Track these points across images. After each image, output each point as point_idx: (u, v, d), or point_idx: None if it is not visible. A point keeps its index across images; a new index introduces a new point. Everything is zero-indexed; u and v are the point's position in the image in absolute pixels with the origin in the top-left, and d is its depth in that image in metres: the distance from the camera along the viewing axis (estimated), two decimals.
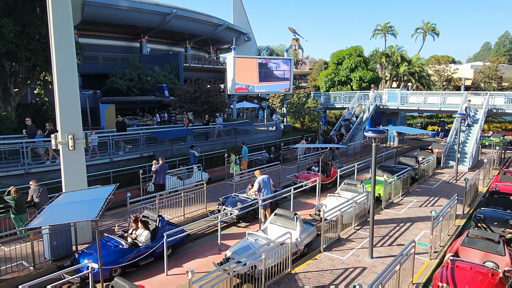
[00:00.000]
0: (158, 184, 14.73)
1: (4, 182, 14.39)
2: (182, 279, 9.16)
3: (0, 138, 16.77)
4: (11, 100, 20.99)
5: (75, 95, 10.62)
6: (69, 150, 10.35)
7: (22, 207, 11.04)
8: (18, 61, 19.91)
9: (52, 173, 15.43)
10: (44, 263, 9.93)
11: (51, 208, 7.53)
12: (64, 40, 10.22)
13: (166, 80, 33.37)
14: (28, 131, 16.74)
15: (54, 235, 9.96)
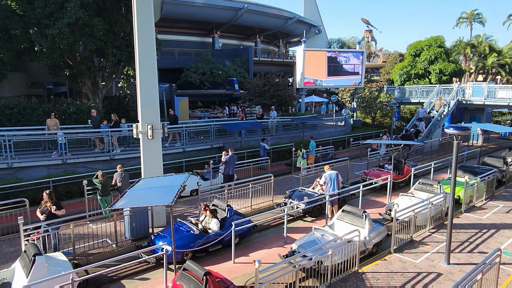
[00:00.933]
0: (227, 174, 15.21)
1: (93, 166, 15.98)
2: (248, 268, 9.39)
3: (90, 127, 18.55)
4: (99, 92, 23.12)
5: (155, 88, 11.35)
6: (148, 139, 11.13)
7: (107, 189, 12.16)
8: (105, 57, 21.82)
9: (132, 160, 16.74)
10: (124, 242, 10.85)
11: (132, 192, 8.18)
12: (146, 37, 10.94)
13: (236, 74, 34.19)
14: (93, 122, 17.96)
15: (134, 217, 10.81)
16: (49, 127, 16.68)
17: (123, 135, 17.96)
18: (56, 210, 9.65)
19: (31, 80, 27.23)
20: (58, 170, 15.33)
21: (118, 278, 9.10)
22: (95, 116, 17.90)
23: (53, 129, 16.60)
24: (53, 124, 16.77)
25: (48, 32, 18.40)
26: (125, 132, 17.90)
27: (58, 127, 16.81)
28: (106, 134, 16.94)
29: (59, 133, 15.95)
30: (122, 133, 17.46)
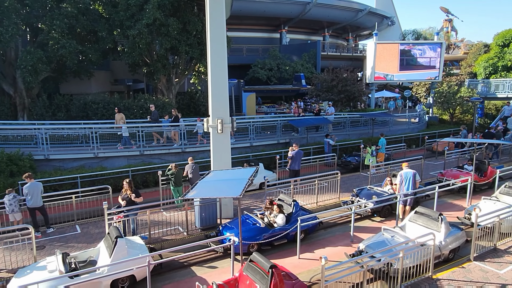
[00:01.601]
0: (293, 170, 15.19)
1: (166, 158, 17.00)
2: (313, 264, 9.32)
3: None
4: (172, 88, 24.48)
5: (225, 84, 11.71)
6: (217, 133, 11.53)
7: (179, 180, 12.86)
8: (179, 54, 23.01)
9: (202, 153, 17.49)
10: (194, 231, 11.40)
11: (203, 184, 8.53)
12: (217, 34, 11.30)
13: (303, 69, 33.89)
14: (152, 117, 18.62)
15: (203, 208, 11.30)
16: (117, 121, 17.83)
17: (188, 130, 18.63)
18: (135, 197, 10.46)
19: (114, 77, 29.76)
20: (136, 161, 16.58)
21: (189, 265, 9.61)
22: (154, 111, 18.59)
23: (120, 122, 17.65)
24: (119, 118, 17.78)
25: (129, 33, 19.89)
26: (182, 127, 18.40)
27: (124, 120, 17.91)
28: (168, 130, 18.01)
29: (124, 127, 17.13)
30: (179, 127, 18.06)
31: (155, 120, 18.36)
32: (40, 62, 18.70)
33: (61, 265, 7.96)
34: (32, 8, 19.95)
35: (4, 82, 20.46)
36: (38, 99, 21.23)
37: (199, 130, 18.39)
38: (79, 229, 11.53)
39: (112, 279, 8.12)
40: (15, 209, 10.81)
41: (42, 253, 9.78)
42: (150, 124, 18.07)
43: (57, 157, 15.78)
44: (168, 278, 8.92)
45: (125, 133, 17.12)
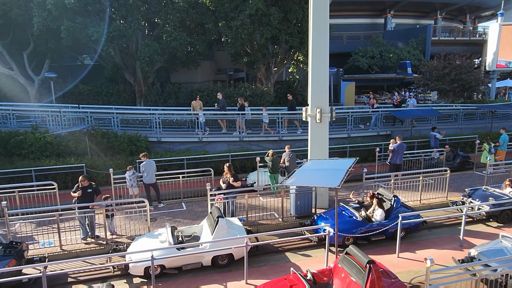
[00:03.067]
0: (394, 164, 14.31)
1: (263, 145, 17.48)
2: (413, 264, 8.72)
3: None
4: (271, 77, 24.91)
5: (325, 73, 11.48)
6: (316, 123, 11.40)
7: (276, 168, 13.11)
8: (279, 44, 23.24)
9: (299, 142, 17.53)
10: (289, 218, 11.56)
11: (301, 172, 8.57)
12: (320, 22, 11.10)
13: (409, 57, 31.40)
14: (219, 104, 18.78)
15: (299, 196, 11.37)
16: (194, 107, 18.58)
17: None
18: (233, 181, 11.01)
19: (217, 67, 31.46)
20: (236, 147, 17.39)
21: (283, 250, 9.80)
22: (221, 99, 18.74)
23: (197, 109, 18.48)
24: (197, 105, 18.62)
25: (233, 24, 20.75)
26: (248, 116, 18.51)
27: (201, 107, 18.72)
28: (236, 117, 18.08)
29: (200, 114, 18.02)
30: (245, 116, 18.27)
31: (222, 108, 18.73)
32: (155, 54, 20.69)
33: (170, 237, 8.82)
34: (150, 4, 22.11)
35: (126, 72, 23.19)
36: (153, 87, 23.60)
37: (264, 119, 18.29)
38: (185, 206, 12.61)
39: (213, 255, 8.73)
40: (134, 184, 12.28)
41: (154, 224, 10.95)
42: (251, 112, 18.73)
43: (168, 140, 17.44)
44: (264, 260, 9.24)
45: (202, 119, 18.03)
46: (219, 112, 18.54)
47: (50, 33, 20.01)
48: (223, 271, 8.80)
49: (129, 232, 10.59)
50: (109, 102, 22.94)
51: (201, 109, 18.70)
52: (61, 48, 21.75)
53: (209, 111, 18.96)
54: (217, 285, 8.26)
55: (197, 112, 18.34)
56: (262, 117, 18.28)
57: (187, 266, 8.68)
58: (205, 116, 18.18)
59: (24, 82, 22.75)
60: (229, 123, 18.61)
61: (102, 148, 16.21)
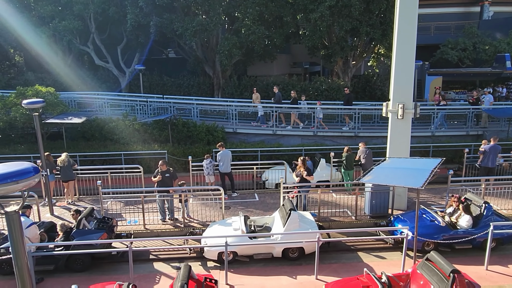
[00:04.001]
0: (485, 167, 12.95)
1: (338, 141, 17.04)
2: (505, 280, 7.89)
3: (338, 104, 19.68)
4: (348, 71, 24.09)
5: (411, 66, 10.75)
6: (397, 119, 10.75)
7: (351, 164, 12.70)
8: (358, 36, 22.35)
9: (375, 138, 16.77)
10: (363, 217, 11.14)
11: (379, 170, 8.17)
12: (408, 10, 10.39)
13: (509, 49, 27.99)
14: (275, 98, 18.41)
15: (374, 195, 10.88)
16: (253, 100, 18.90)
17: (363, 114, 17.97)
18: (306, 175, 10.89)
19: (293, 60, 31.33)
20: (309, 141, 17.21)
21: (355, 249, 9.50)
22: (277, 93, 18.44)
23: (256, 102, 18.73)
24: (255, 98, 18.89)
25: (311, 16, 20.41)
26: (304, 110, 17.99)
27: (259, 100, 18.86)
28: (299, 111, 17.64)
29: (259, 106, 18.23)
30: (301, 110, 17.82)
31: (278, 102, 18.42)
32: (234, 47, 21.24)
33: (243, 225, 9.06)
34: None
35: (206, 65, 24.20)
36: (230, 80, 24.30)
37: (318, 114, 17.58)
38: (257, 197, 12.84)
39: (284, 247, 8.78)
40: (210, 172, 12.82)
41: (228, 212, 11.33)
42: (324, 106, 18.35)
43: (243, 131, 17.89)
44: (335, 258, 9.04)
45: (261, 112, 18.21)
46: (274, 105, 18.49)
47: (141, 28, 21.67)
48: (293, 264, 8.81)
49: (204, 218, 11.11)
50: (189, 93, 24.19)
51: (259, 102, 19.04)
52: (149, 42, 23.45)
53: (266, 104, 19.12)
54: (286, 277, 8.30)
55: (256, 105, 18.77)
56: (317, 112, 17.74)
57: (258, 255, 8.84)
58: (264, 109, 18.47)
59: (117, 74, 24.99)
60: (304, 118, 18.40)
61: (182, 136, 17.19)
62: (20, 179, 3.32)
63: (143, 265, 8.87)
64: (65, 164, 11.87)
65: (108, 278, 7.76)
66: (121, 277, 8.01)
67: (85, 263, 8.55)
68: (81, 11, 22.22)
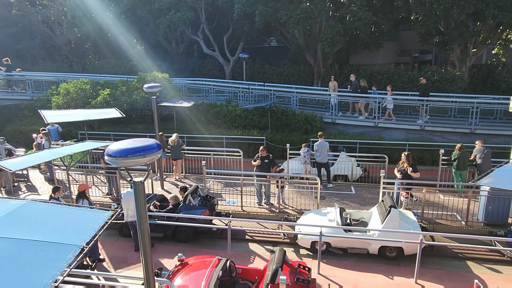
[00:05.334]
0: None
1: (449, 137, 15.46)
2: None
3: (452, 97, 17.81)
4: (467, 60, 21.47)
5: None
6: None
7: (464, 164, 11.41)
8: (483, 20, 19.69)
9: (496, 137, 14.78)
10: (475, 223, 10.00)
11: (501, 172, 7.20)
12: None
13: None
14: (351, 87, 17.72)
15: (492, 200, 9.65)
16: (330, 88, 18.38)
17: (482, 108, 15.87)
18: (411, 171, 10.13)
19: (400, 48, 29.17)
20: (415, 136, 15.94)
21: (463, 258, 8.61)
22: (353, 81, 17.69)
23: (331, 90, 18.21)
24: (332, 86, 18.27)
25: None
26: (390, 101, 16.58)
27: (336, 89, 18.23)
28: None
29: (333, 95, 17.77)
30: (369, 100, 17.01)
31: (354, 91, 17.47)
32: (338, 35, 20.57)
33: (338, 217, 8.87)
34: None
35: (307, 53, 23.97)
36: (331, 68, 23.70)
37: (388, 105, 16.44)
38: (354, 190, 12.44)
39: (382, 244, 8.37)
40: (307, 161, 12.80)
41: (323, 203, 11.21)
42: (434, 99, 16.73)
43: (342, 122, 17.39)
44: (438, 263, 8.32)
45: (334, 101, 17.85)
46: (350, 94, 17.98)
47: (246, 18, 22.40)
48: (390, 263, 8.36)
49: (298, 205, 11.18)
50: (289, 81, 24.32)
51: (335, 91, 18.36)
52: (253, 31, 24.13)
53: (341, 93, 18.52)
54: (382, 276, 7.93)
55: (330, 93, 18.24)
56: (387, 102, 16.53)
57: (353, 249, 8.60)
58: (339, 98, 18.05)
59: (222, 62, 26.35)
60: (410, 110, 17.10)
61: (280, 124, 17.45)
62: (146, 154, 3.73)
63: (239, 244, 9.33)
64: (175, 143, 13.04)
65: (208, 252, 8.36)
66: (219, 252, 8.55)
67: (189, 235, 9.34)
68: (194, 2, 23.86)
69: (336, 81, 18.85)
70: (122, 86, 18.82)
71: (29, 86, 22.11)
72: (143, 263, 4.17)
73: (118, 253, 8.98)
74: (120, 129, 18.12)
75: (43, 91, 21.62)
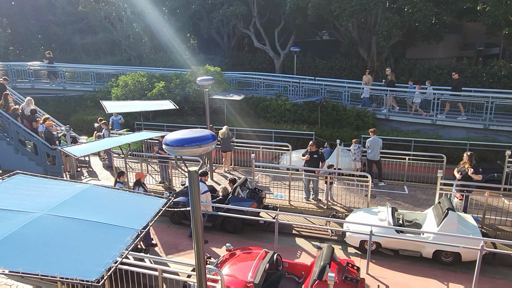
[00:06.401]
0: None
1: None
2: None
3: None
4: None
5: None
6: None
7: None
8: None
9: None
10: None
11: None
12: None
13: None
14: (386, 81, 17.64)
15: None
16: (364, 82, 18.40)
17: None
18: (472, 173, 9.48)
19: (463, 41, 27.27)
20: (478, 135, 14.88)
21: None
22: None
23: (364, 84, 18.31)
24: (366, 80, 18.37)
25: None
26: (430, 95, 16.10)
27: (370, 82, 18.33)
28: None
29: (365, 88, 17.91)
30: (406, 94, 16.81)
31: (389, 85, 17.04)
32: (394, 27, 19.67)
33: (390, 217, 8.54)
34: None
35: (361, 47, 23.17)
36: (386, 63, 22.73)
37: (415, 99, 16.37)
38: (407, 190, 11.90)
39: (437, 248, 7.95)
40: (357, 158, 12.44)
41: (373, 201, 10.85)
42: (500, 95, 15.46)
43: (396, 119, 16.67)
44: (501, 273, 7.77)
45: (365, 95, 17.92)
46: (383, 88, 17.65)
47: (298, 11, 22.11)
48: (446, 269, 7.93)
49: (347, 203, 10.92)
50: (340, 76, 23.71)
51: (370, 84, 18.22)
52: (305, 25, 23.77)
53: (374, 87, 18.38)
54: (436, 281, 7.54)
55: (363, 87, 18.22)
56: (415, 96, 16.22)
57: (405, 251, 8.25)
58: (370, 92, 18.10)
59: (272, 56, 26.29)
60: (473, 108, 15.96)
61: (331, 119, 17.10)
62: (201, 144, 3.81)
63: (286, 238, 9.33)
64: (225, 136, 13.27)
65: (255, 244, 8.44)
66: (266, 245, 8.60)
67: (237, 226, 9.50)
68: None
69: (370, 75, 18.91)
70: (176, 79, 19.46)
71: (92, 78, 23.58)
72: (195, 250, 4.29)
73: (170, 239, 9.36)
74: (173, 121, 18.77)
75: (104, 83, 22.95)
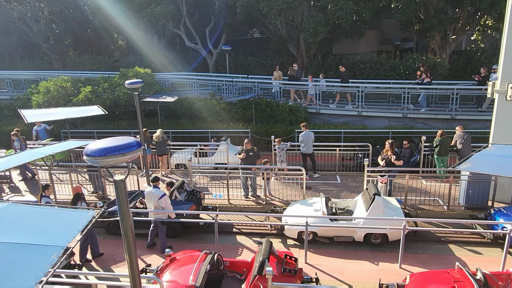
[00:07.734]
0: None
1: (431, 124, 15.75)
2: None
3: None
4: (447, 47, 21.80)
5: None
6: (506, 100, 9.51)
7: (445, 149, 11.66)
8: (462, 6, 19.99)
9: (475, 122, 15.11)
10: (456, 207, 10.28)
11: (479, 157, 7.39)
12: None
13: None
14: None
15: (472, 184, 9.92)
16: (275, 78, 19.43)
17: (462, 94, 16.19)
18: (395, 159, 10.31)
19: (382, 37, 29.38)
20: (398, 123, 16.18)
21: (446, 241, 8.86)
22: (297, 70, 19.09)
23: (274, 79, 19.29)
24: (277, 76, 19.31)
25: None
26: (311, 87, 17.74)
27: (281, 78, 19.41)
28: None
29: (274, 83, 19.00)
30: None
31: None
32: (320, 25, 20.59)
33: (324, 207, 8.99)
34: None
35: (290, 44, 23.96)
36: (314, 59, 23.76)
37: (310, 90, 17.76)
38: (339, 179, 12.60)
39: (367, 232, 8.54)
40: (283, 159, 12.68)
41: (309, 193, 11.33)
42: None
43: (326, 112, 17.50)
44: (422, 248, 8.55)
45: (276, 89, 19.05)
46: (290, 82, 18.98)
47: (228, 9, 22.22)
48: (375, 250, 8.55)
49: (285, 197, 11.28)
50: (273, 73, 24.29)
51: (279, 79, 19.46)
52: (235, 23, 23.95)
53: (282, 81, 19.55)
54: (368, 262, 8.10)
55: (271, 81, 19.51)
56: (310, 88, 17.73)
57: (339, 238, 8.75)
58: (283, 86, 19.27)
59: (205, 55, 26.13)
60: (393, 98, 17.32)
61: (265, 116, 17.46)
62: (126, 152, 3.71)
63: (227, 237, 9.39)
64: (159, 139, 12.95)
65: (195, 246, 8.40)
66: (207, 246, 8.60)
67: (177, 230, 9.35)
68: None
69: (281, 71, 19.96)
70: (104, 83, 18.52)
71: (8, 85, 21.54)
72: (128, 260, 4.18)
73: (106, 250, 8.93)
74: (104, 127, 17.85)
75: (23, 90, 21.11)
